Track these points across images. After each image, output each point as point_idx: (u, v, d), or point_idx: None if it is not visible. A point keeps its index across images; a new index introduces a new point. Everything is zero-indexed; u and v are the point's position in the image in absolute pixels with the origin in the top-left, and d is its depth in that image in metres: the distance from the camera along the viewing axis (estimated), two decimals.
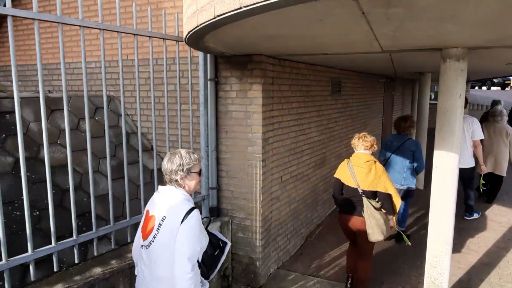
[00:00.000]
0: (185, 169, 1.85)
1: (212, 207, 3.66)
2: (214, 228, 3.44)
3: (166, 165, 1.87)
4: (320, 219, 5.31)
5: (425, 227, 4.50)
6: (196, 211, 1.82)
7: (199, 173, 1.95)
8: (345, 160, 3.31)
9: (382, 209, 3.13)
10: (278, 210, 3.97)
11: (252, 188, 3.55)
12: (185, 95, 3.71)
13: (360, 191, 3.10)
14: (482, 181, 5.40)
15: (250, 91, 3.43)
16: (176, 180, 1.87)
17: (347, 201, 3.22)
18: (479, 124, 5.04)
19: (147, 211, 1.95)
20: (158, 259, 1.84)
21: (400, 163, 4.37)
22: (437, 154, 2.89)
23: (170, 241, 1.78)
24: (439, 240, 3.00)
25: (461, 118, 2.82)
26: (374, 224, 3.05)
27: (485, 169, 5.29)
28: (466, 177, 5.06)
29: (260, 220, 3.58)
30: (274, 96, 3.66)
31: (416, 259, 4.13)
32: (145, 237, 1.89)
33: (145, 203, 2.10)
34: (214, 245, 1.98)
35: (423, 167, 4.41)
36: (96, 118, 4.04)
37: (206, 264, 1.91)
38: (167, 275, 1.80)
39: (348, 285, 3.47)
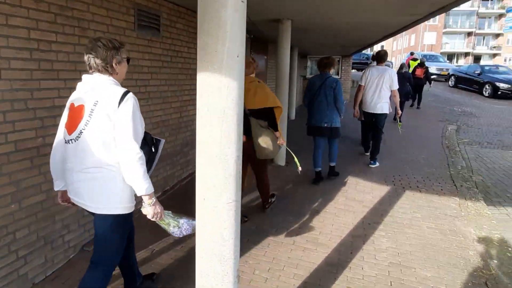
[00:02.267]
0: (120, 53, 1.83)
1: None
2: None
3: (101, 50, 1.77)
4: None
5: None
6: (132, 94, 1.78)
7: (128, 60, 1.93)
8: None
9: (269, 128, 3.24)
10: None
11: None
12: None
13: (247, 111, 3.09)
14: (400, 123, 6.31)
15: None
16: (112, 66, 1.81)
17: None
18: (396, 75, 5.59)
19: (72, 104, 1.84)
20: (90, 148, 1.75)
21: (323, 101, 4.49)
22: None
23: (106, 125, 1.72)
24: (213, 238, 1.72)
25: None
26: (261, 142, 3.15)
27: (400, 112, 6.08)
28: (381, 123, 5.56)
29: None
30: None
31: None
32: (71, 130, 1.79)
33: None
34: (149, 142, 1.92)
35: (342, 104, 4.53)
36: None
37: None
38: (99, 164, 1.75)
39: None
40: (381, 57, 5.55)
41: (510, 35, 45.12)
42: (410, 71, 10.92)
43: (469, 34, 47.75)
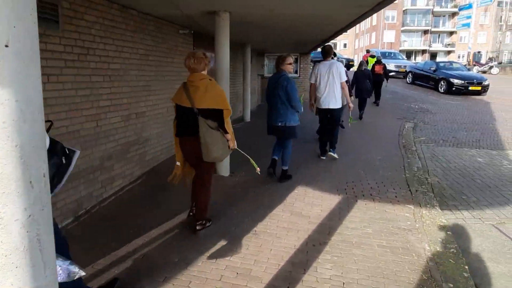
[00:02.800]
0: None
1: None
2: None
3: None
4: None
5: None
6: None
7: None
8: (183, 82, 3.12)
9: (219, 130, 3.03)
10: None
11: None
12: None
13: (196, 110, 2.93)
14: (351, 116, 6.45)
15: None
16: None
17: (183, 123, 3.07)
18: (343, 67, 5.64)
19: None
20: None
21: (277, 100, 4.43)
22: None
23: None
24: None
25: None
26: (209, 143, 2.95)
27: (352, 106, 5.91)
28: (337, 117, 5.65)
29: None
30: None
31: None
32: None
33: None
34: (59, 152, 1.70)
35: (296, 101, 4.40)
36: None
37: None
38: None
39: (191, 213, 3.41)
40: (326, 52, 5.56)
41: (462, 32, 47.36)
42: (369, 67, 10.78)
43: (426, 32, 49.59)
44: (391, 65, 19.97)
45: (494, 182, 5.45)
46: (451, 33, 49.84)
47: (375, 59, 12.51)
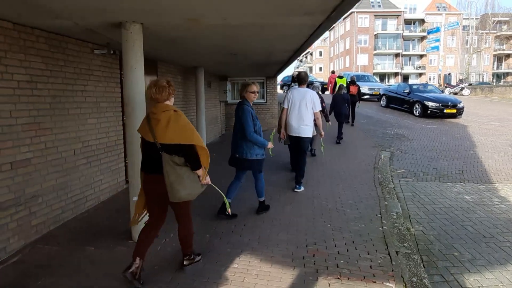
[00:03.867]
0: None
1: None
2: None
3: None
4: None
5: None
6: None
7: None
8: (147, 113, 2.81)
9: (187, 165, 2.71)
10: None
11: None
12: None
13: (158, 145, 2.64)
14: (322, 144, 6.38)
15: None
16: None
17: (147, 159, 2.78)
18: (318, 97, 5.39)
19: None
20: None
21: (236, 130, 4.20)
22: None
23: None
24: None
25: None
26: (173, 181, 2.64)
27: (323, 134, 5.94)
28: (305, 146, 5.34)
29: None
30: None
31: None
32: None
33: None
34: None
35: (249, 133, 3.99)
36: None
37: None
38: None
39: (129, 270, 2.74)
40: (302, 79, 5.38)
41: (432, 55, 48.71)
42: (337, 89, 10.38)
43: (397, 55, 50.77)
44: (364, 88, 19.48)
45: (489, 230, 4.44)
46: (421, 56, 51.22)
47: (344, 80, 12.93)
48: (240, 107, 4.12)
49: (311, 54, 74.74)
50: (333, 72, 16.88)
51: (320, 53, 69.78)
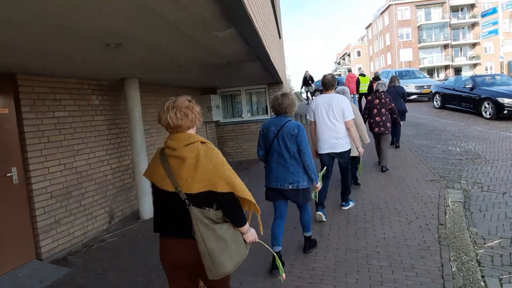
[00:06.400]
0: None
1: None
2: None
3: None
4: None
5: None
6: None
7: None
8: (159, 148, 1.92)
9: (226, 221, 1.86)
10: None
11: None
12: None
13: (183, 196, 1.77)
14: (360, 167, 5.25)
15: None
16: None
17: (167, 216, 1.87)
18: (348, 102, 4.40)
19: None
20: None
21: (283, 154, 3.24)
22: None
23: None
24: None
25: None
26: (214, 249, 1.75)
27: (362, 151, 4.65)
28: (346, 162, 4.52)
29: None
30: None
31: None
32: None
33: None
34: None
35: (308, 156, 3.20)
36: None
37: None
38: None
39: None
40: (326, 83, 4.48)
41: (486, 43, 42.68)
42: (361, 89, 8.43)
43: (445, 46, 45.34)
44: (410, 86, 15.81)
45: None
46: (473, 45, 45.29)
47: (367, 78, 10.39)
48: (293, 124, 3.23)
49: (349, 55, 70.45)
50: (349, 70, 13.99)
51: (359, 53, 65.49)
